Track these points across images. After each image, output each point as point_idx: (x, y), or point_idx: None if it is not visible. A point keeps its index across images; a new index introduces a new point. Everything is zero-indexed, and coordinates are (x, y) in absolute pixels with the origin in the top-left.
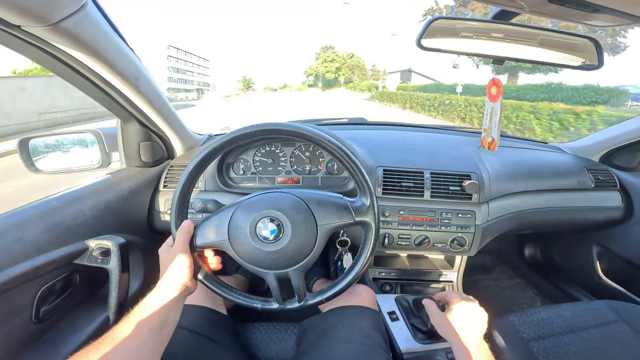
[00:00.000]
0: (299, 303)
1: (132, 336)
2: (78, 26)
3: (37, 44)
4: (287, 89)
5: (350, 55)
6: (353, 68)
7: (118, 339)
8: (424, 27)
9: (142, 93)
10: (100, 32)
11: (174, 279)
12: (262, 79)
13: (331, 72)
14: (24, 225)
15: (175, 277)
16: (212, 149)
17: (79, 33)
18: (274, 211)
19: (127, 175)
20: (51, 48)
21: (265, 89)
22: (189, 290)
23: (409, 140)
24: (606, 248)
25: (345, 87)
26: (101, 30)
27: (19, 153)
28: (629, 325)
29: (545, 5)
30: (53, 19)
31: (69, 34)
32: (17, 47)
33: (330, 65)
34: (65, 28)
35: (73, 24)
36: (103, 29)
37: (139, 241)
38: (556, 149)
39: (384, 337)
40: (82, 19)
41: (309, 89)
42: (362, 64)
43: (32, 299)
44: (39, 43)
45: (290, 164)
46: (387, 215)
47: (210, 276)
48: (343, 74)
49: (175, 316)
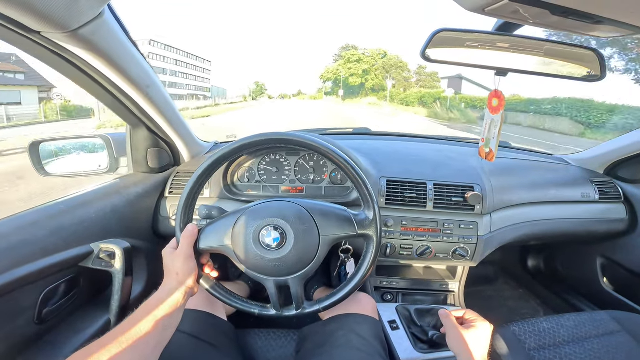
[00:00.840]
0: (296, 311)
1: (135, 334)
2: (95, 34)
3: (54, 50)
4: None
5: (382, 53)
6: (389, 69)
7: (120, 337)
8: (428, 38)
9: (152, 100)
10: (116, 39)
11: (177, 281)
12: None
13: (356, 75)
14: (31, 227)
15: (179, 279)
16: (219, 156)
17: (96, 40)
18: (278, 220)
19: (134, 180)
20: (68, 54)
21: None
22: (191, 292)
23: (412, 151)
24: (610, 259)
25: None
26: (117, 38)
27: (29, 156)
28: (631, 336)
29: (548, 17)
30: (72, 26)
31: (86, 41)
32: (35, 52)
33: (355, 66)
34: (83, 35)
35: (90, 32)
36: (118, 37)
37: (143, 245)
38: (561, 160)
39: (384, 345)
40: (100, 26)
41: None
42: (404, 64)
43: (36, 300)
44: (56, 49)
45: (295, 173)
46: (389, 225)
47: (210, 280)
48: (372, 79)
49: (177, 317)
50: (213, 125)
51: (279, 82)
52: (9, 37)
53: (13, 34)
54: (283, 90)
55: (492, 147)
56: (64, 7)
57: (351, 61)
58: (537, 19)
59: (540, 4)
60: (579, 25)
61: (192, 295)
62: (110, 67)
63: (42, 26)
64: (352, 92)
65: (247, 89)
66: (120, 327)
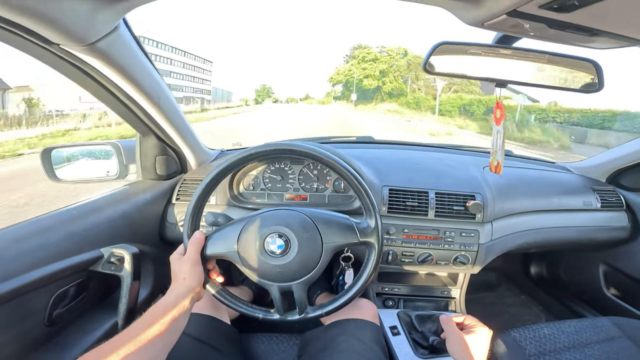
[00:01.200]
0: (299, 315)
1: (142, 337)
2: (111, 46)
3: (72, 61)
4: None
5: (402, 52)
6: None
7: (128, 340)
8: (430, 51)
9: (162, 110)
10: (130, 52)
11: (184, 286)
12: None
13: (372, 77)
14: (46, 231)
15: (186, 284)
16: (225, 166)
17: (111, 53)
18: (282, 227)
19: (142, 187)
20: (84, 65)
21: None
22: (197, 297)
23: (414, 160)
24: (612, 266)
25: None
26: (130, 50)
27: (41, 162)
28: (632, 341)
29: (545, 31)
30: (90, 40)
31: (102, 53)
32: (52, 62)
33: (370, 67)
34: (99, 48)
35: (107, 45)
36: (132, 49)
37: (150, 251)
38: (563, 169)
39: (385, 351)
40: (115, 39)
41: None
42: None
43: (47, 303)
44: (74, 60)
45: (299, 182)
46: (391, 233)
47: (216, 285)
48: (391, 81)
49: (184, 321)
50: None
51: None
52: (29, 49)
53: (33, 46)
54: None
55: (498, 159)
56: (83, 21)
57: (366, 60)
58: (535, 32)
59: (538, 18)
60: (576, 37)
61: (198, 300)
62: (124, 78)
63: (62, 39)
64: (365, 96)
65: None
66: (128, 330)
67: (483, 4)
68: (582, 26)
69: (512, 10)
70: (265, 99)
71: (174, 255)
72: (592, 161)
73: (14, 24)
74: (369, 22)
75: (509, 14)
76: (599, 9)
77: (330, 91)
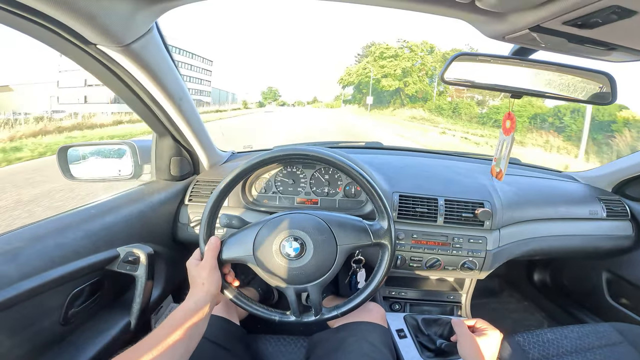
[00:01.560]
0: (315, 317)
1: (165, 343)
2: (144, 48)
3: (104, 62)
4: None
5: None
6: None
7: (152, 346)
8: (447, 62)
9: (182, 112)
10: (160, 54)
11: (203, 291)
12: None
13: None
14: (66, 230)
15: (205, 289)
16: (240, 171)
17: (144, 55)
18: (298, 231)
19: (157, 187)
20: (115, 66)
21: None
22: (216, 302)
23: (424, 167)
24: (616, 274)
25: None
26: (161, 53)
27: (57, 160)
28: (633, 347)
29: (564, 45)
30: (126, 41)
31: (136, 54)
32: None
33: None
34: (134, 49)
35: (141, 46)
36: (162, 52)
37: (162, 251)
38: (570, 178)
39: (392, 353)
40: (148, 41)
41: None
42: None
43: (63, 302)
44: (107, 61)
45: (310, 186)
46: (400, 238)
47: (233, 290)
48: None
49: (203, 326)
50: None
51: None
52: (64, 47)
53: (69, 45)
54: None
55: (502, 167)
56: (122, 21)
57: (384, 57)
58: (555, 46)
59: (560, 33)
60: (593, 51)
61: (216, 304)
62: (152, 79)
63: (99, 39)
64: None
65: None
66: (150, 337)
67: (507, 19)
68: (600, 41)
69: (535, 25)
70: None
71: (191, 261)
72: (599, 171)
73: (56, 22)
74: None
75: (532, 29)
76: (621, 26)
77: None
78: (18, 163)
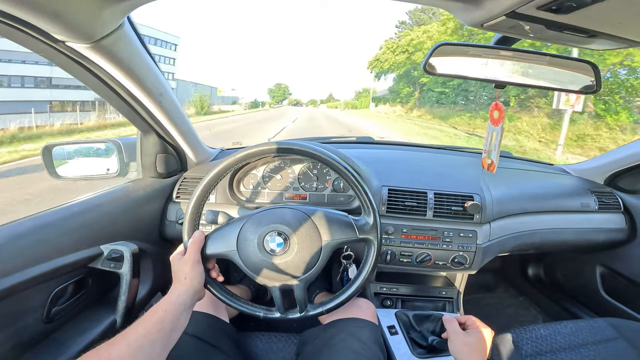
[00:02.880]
0: (300, 313)
1: (144, 337)
2: (115, 44)
3: (76, 59)
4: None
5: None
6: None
7: (130, 339)
8: (430, 52)
9: (164, 108)
10: (134, 50)
11: (185, 285)
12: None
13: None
14: (47, 228)
15: (187, 284)
16: (224, 165)
17: (116, 51)
18: (281, 225)
19: (143, 185)
20: (88, 63)
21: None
22: (198, 297)
23: (414, 161)
24: (609, 268)
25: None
26: (134, 48)
27: (42, 159)
28: (628, 342)
29: (544, 32)
30: (95, 37)
31: (107, 51)
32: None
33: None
34: (104, 46)
35: (111, 42)
36: (136, 47)
37: (149, 248)
38: (561, 170)
39: (383, 350)
40: (120, 37)
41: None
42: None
43: (46, 299)
44: (78, 58)
45: (298, 181)
46: (390, 232)
47: (217, 284)
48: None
49: (185, 320)
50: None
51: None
52: (34, 46)
53: (38, 43)
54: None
55: (493, 158)
56: (89, 18)
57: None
58: (534, 33)
59: (537, 19)
60: (574, 38)
61: (199, 299)
62: (127, 76)
63: (68, 36)
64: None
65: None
66: (130, 329)
67: (482, 6)
68: (580, 27)
69: (510, 11)
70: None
71: (174, 256)
72: (590, 163)
73: (20, 21)
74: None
75: (508, 15)
76: (596, 10)
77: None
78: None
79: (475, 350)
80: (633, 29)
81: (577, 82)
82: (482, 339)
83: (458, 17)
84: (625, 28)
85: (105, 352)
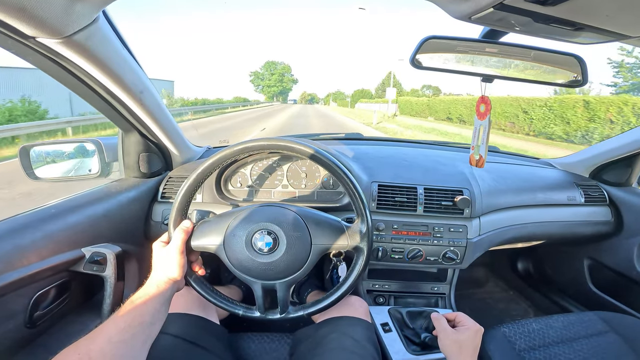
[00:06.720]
0: (280, 315)
1: (124, 329)
2: (89, 39)
3: (49, 55)
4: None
5: None
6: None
7: (109, 332)
8: (417, 45)
9: (145, 106)
10: (110, 45)
11: (164, 274)
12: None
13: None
14: (23, 231)
15: (166, 273)
16: (214, 160)
17: (90, 46)
18: (272, 224)
19: (126, 185)
20: (62, 59)
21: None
22: (177, 287)
23: (403, 156)
24: (597, 261)
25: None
26: (111, 44)
27: (19, 160)
28: (619, 335)
29: (531, 25)
30: (67, 32)
31: (80, 46)
32: (29, 57)
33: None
34: (77, 41)
35: (84, 38)
36: (112, 43)
37: (135, 250)
38: (547, 164)
39: (377, 348)
40: (94, 32)
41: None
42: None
43: (27, 305)
44: (51, 54)
45: (287, 178)
46: (380, 229)
47: (198, 278)
48: None
49: (165, 311)
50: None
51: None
52: (3, 42)
53: (7, 39)
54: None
55: (481, 153)
56: (59, 13)
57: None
58: (521, 26)
59: (524, 12)
60: (561, 32)
61: (178, 290)
62: (104, 72)
63: (37, 32)
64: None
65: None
66: (109, 323)
67: None
68: (567, 20)
69: (498, 3)
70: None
71: (157, 243)
72: (576, 157)
73: None
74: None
75: (496, 7)
76: (583, 2)
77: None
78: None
79: (465, 347)
80: (619, 22)
81: (564, 75)
82: (471, 335)
83: (445, 9)
84: (611, 21)
85: (84, 347)
